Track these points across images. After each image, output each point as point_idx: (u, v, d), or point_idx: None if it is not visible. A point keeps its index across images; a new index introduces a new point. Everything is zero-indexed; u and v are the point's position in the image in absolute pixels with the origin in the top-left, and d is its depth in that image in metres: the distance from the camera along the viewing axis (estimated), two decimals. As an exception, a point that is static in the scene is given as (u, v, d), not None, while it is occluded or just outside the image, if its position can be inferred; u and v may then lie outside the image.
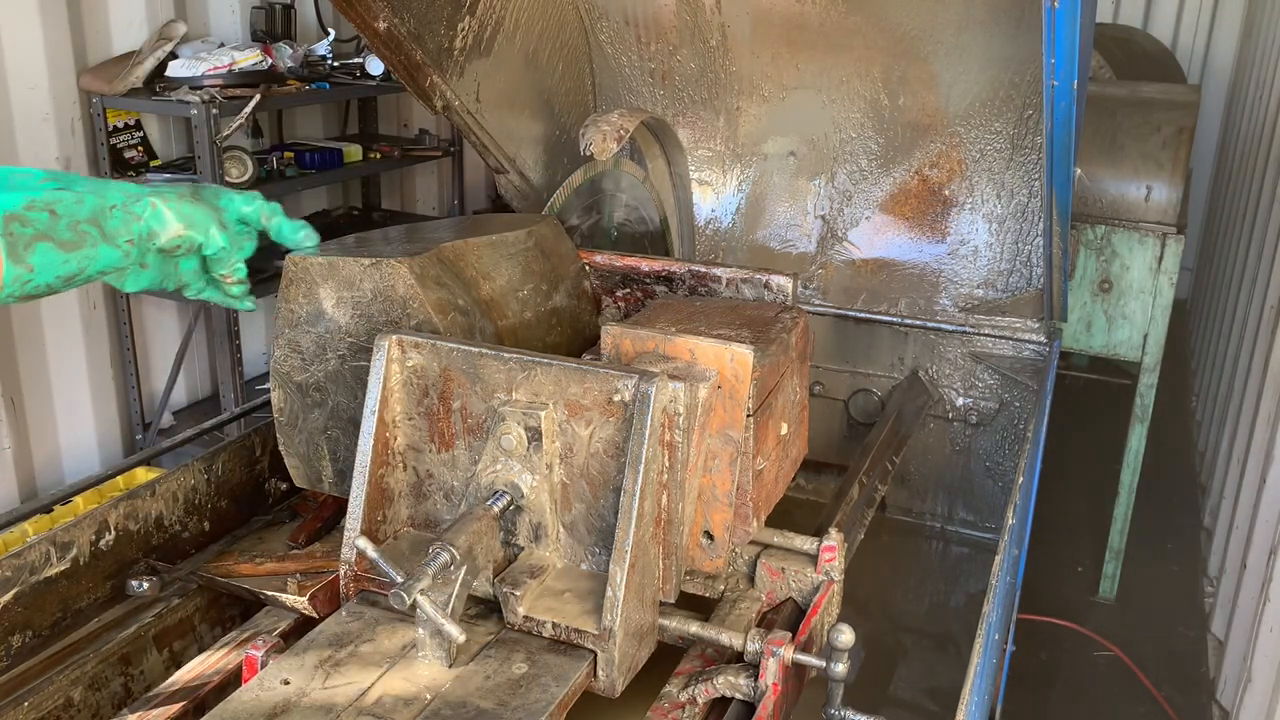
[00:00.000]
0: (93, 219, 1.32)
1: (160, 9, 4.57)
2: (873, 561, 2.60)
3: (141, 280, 1.46)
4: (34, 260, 1.24)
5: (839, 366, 3.07)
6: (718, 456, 1.64)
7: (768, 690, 1.47)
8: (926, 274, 2.98)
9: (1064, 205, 2.30)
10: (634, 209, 2.66)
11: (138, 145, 4.49)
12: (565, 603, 1.46)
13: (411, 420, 1.59)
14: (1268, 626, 3.15)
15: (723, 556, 1.68)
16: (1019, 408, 2.92)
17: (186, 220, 1.43)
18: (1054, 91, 1.82)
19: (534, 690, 1.36)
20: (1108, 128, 3.92)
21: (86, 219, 1.31)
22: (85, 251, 1.30)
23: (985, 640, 1.54)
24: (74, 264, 1.30)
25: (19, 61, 4.01)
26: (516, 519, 1.52)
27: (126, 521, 1.81)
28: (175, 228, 1.42)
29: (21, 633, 1.65)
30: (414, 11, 2.28)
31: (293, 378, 1.79)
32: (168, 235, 1.42)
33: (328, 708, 1.32)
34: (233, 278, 1.56)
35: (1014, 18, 2.65)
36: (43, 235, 1.25)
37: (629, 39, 3.02)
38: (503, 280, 1.92)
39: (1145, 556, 4.59)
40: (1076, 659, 4.00)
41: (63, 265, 1.28)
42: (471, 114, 2.54)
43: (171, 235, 1.42)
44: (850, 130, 2.99)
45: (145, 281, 1.47)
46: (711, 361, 1.62)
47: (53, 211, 1.27)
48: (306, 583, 1.72)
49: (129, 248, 1.37)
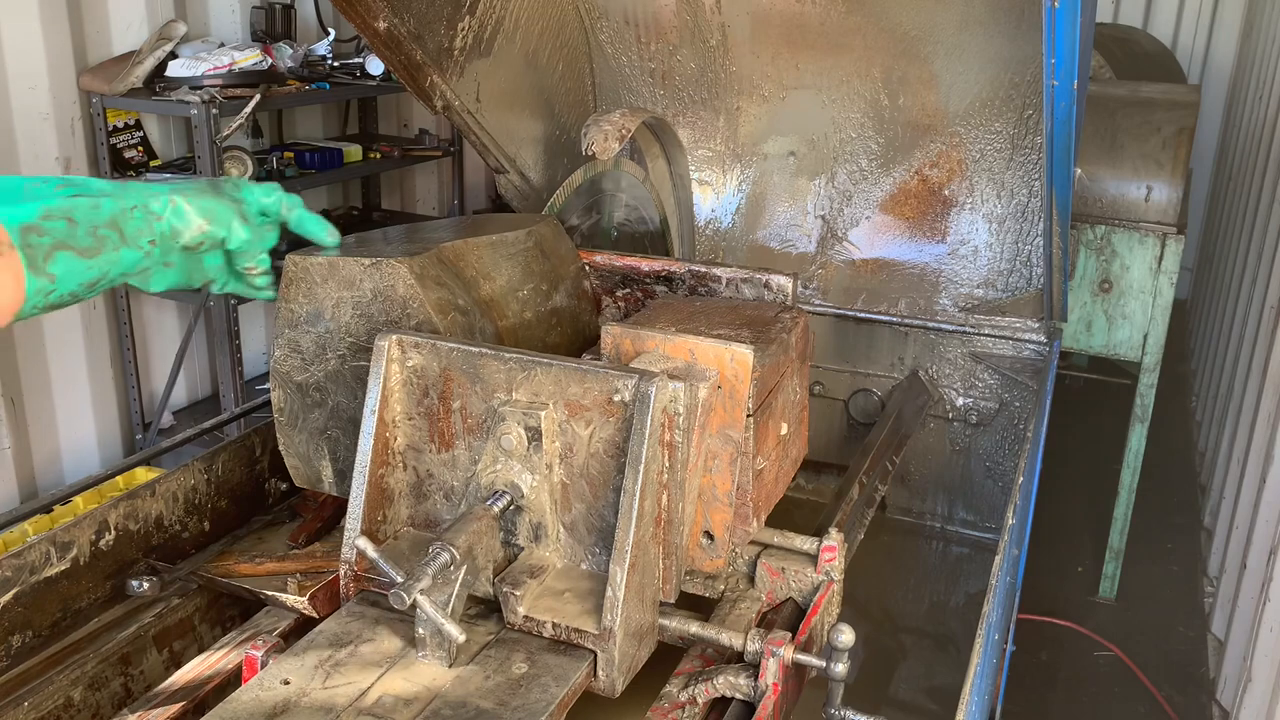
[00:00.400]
0: (112, 223, 1.29)
1: (160, 9, 4.57)
2: (873, 561, 2.61)
3: (167, 279, 1.44)
4: (55, 270, 1.21)
5: (839, 366, 3.07)
6: (718, 456, 1.64)
7: (768, 690, 1.47)
8: (926, 274, 2.98)
9: (1064, 205, 2.30)
10: (634, 209, 2.66)
11: (138, 145, 4.49)
12: (565, 603, 1.46)
13: (411, 420, 1.59)
14: (1268, 626, 3.16)
15: (723, 556, 1.68)
16: (1019, 408, 2.92)
17: (209, 215, 1.42)
18: (1054, 91, 1.83)
19: (534, 690, 1.36)
20: (1108, 128, 3.92)
21: (105, 223, 1.28)
22: (106, 256, 1.27)
23: (985, 640, 1.54)
24: (96, 270, 1.27)
25: (19, 61, 4.01)
26: (516, 519, 1.52)
27: (126, 521, 1.81)
28: (198, 224, 1.40)
29: (21, 633, 1.64)
30: (414, 11, 2.28)
31: (293, 378, 1.79)
32: (191, 232, 1.40)
33: (328, 708, 1.32)
34: (257, 269, 1.55)
35: (1014, 18, 2.65)
36: (62, 244, 1.22)
37: (629, 39, 3.02)
38: (503, 280, 1.92)
39: (1145, 556, 4.59)
40: (1076, 659, 4.00)
41: (86, 272, 1.25)
42: (471, 114, 2.54)
43: (195, 232, 1.40)
44: (850, 130, 2.99)
45: (171, 280, 1.44)
46: (711, 361, 1.62)
47: (70, 219, 1.24)
48: (306, 583, 1.72)
49: (151, 248, 1.35)
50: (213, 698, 1.54)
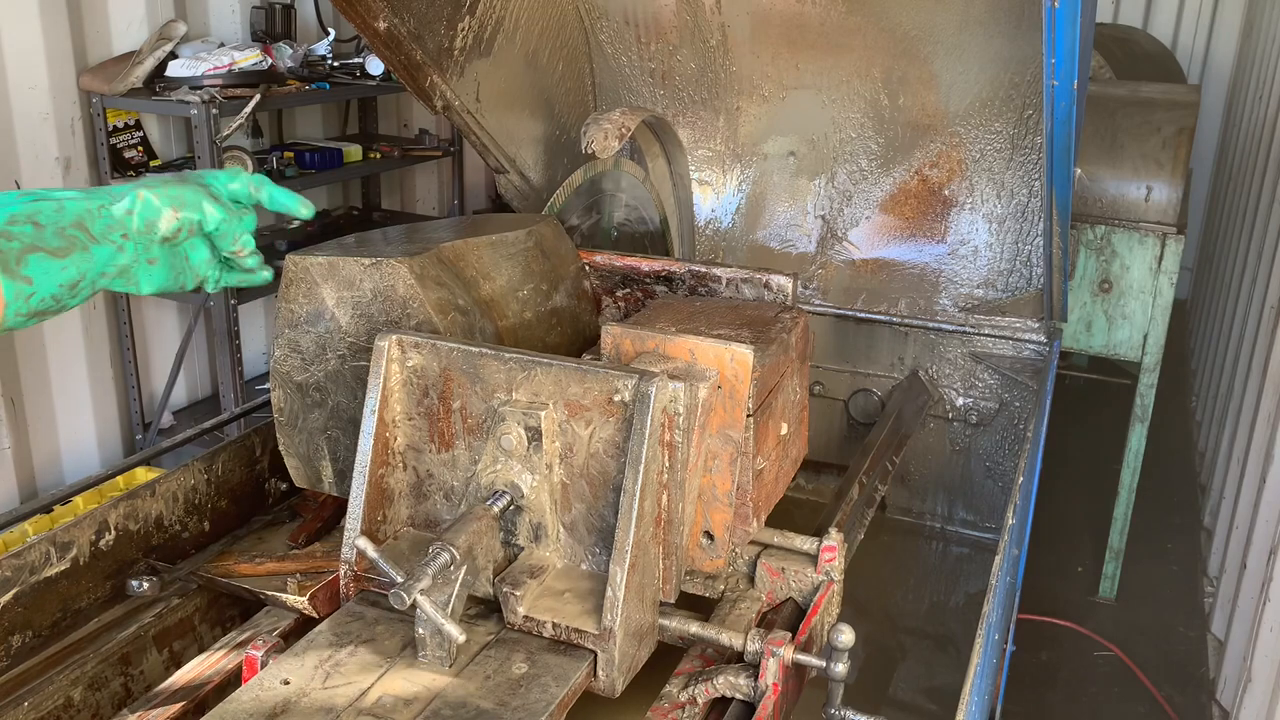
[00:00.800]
0: (78, 223, 1.30)
1: (160, 9, 4.57)
2: (873, 561, 2.61)
3: (155, 278, 1.44)
4: (30, 272, 1.22)
5: (839, 366, 3.07)
6: (718, 456, 1.64)
7: (768, 690, 1.47)
8: (926, 274, 2.98)
9: (1064, 205, 2.30)
10: (634, 209, 2.66)
11: (138, 145, 4.49)
12: (565, 603, 1.46)
13: (411, 420, 1.59)
14: (1268, 626, 3.15)
15: (723, 556, 1.68)
16: (1019, 408, 2.92)
17: (177, 202, 1.41)
18: (1054, 91, 1.83)
19: (534, 690, 1.36)
20: (1108, 128, 3.92)
21: (72, 224, 1.29)
22: (79, 255, 1.29)
23: (985, 640, 1.54)
24: (73, 269, 1.28)
25: (19, 61, 4.01)
26: (516, 519, 1.52)
27: (126, 521, 1.81)
28: (169, 213, 1.40)
29: (21, 633, 1.64)
30: (414, 11, 2.28)
31: (293, 378, 1.79)
32: (165, 222, 1.40)
33: (328, 708, 1.32)
34: (244, 250, 1.53)
35: (1014, 18, 2.65)
36: (32, 247, 1.23)
37: (629, 39, 3.02)
38: (503, 280, 1.92)
39: (1145, 556, 4.59)
40: (1076, 659, 4.00)
41: (61, 273, 1.26)
42: (471, 114, 2.54)
43: (169, 221, 1.40)
44: (850, 130, 2.99)
45: (159, 279, 1.44)
46: (711, 361, 1.62)
47: (35, 223, 1.25)
48: (306, 583, 1.72)
49: (124, 242, 1.36)
50: (213, 698, 1.54)
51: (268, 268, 1.58)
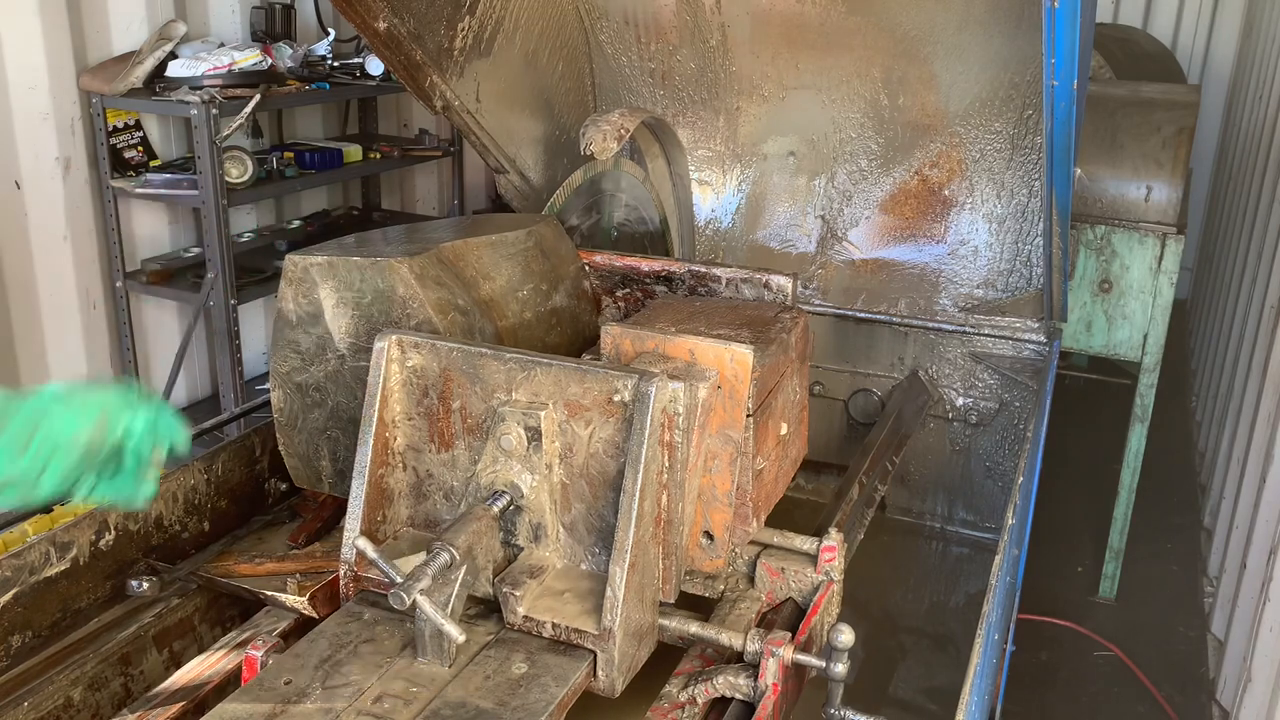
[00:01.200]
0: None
1: (160, 9, 4.57)
2: (873, 561, 2.61)
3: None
4: None
5: (839, 366, 3.07)
6: (718, 456, 1.64)
7: (767, 690, 1.47)
8: (926, 274, 2.98)
9: (1064, 205, 2.30)
10: (634, 209, 2.66)
11: (138, 145, 4.49)
12: (565, 603, 1.46)
13: (411, 420, 1.58)
14: (1268, 626, 3.15)
15: (722, 556, 1.68)
16: (1019, 408, 2.92)
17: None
18: (1054, 91, 1.83)
19: (534, 690, 1.36)
20: (1108, 128, 3.92)
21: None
22: None
23: (985, 640, 1.54)
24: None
25: (19, 61, 4.01)
26: (516, 519, 1.52)
27: (126, 521, 1.81)
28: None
29: (21, 633, 1.64)
30: (414, 11, 2.28)
31: (293, 378, 1.79)
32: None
33: (328, 708, 1.32)
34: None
35: (1014, 18, 2.65)
36: None
37: (629, 39, 3.02)
38: (503, 280, 1.92)
39: (1145, 556, 4.59)
40: (1076, 659, 4.00)
41: None
42: (471, 114, 2.54)
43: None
44: (850, 130, 2.99)
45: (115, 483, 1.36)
46: (711, 361, 1.62)
47: None
48: (306, 583, 1.72)
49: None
50: (213, 698, 1.54)
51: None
